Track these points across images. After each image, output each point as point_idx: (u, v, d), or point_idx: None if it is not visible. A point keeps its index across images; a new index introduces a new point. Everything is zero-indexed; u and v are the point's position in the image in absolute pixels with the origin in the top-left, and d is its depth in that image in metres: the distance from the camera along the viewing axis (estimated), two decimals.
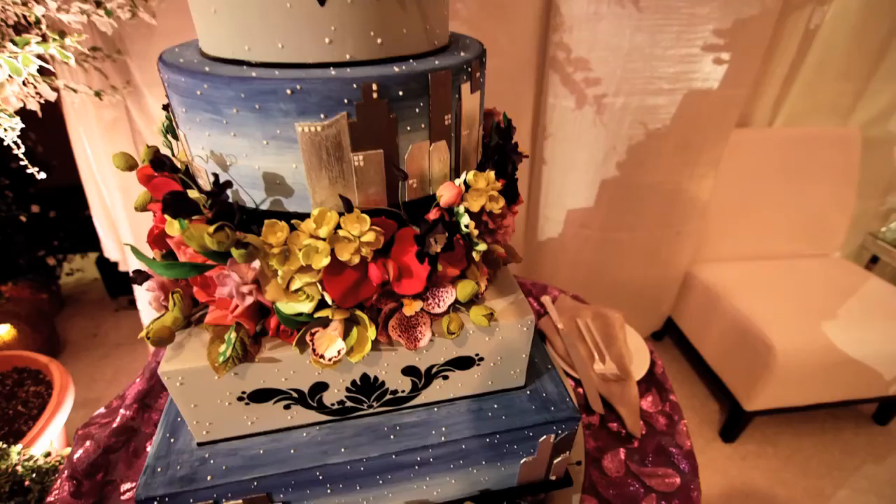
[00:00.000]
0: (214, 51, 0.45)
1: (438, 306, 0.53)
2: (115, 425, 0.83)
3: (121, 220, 1.54)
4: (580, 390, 0.92)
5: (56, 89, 1.10)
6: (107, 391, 1.78)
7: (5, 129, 0.97)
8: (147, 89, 1.36)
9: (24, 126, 0.98)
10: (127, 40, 1.30)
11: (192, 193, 0.45)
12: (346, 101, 0.41)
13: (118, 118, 1.43)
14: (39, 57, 0.97)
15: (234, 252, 0.41)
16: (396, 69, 0.42)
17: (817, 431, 1.71)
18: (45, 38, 0.99)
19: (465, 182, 0.48)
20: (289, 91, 0.40)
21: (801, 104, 1.80)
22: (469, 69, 0.48)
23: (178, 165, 0.58)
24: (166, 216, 0.45)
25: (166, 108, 0.61)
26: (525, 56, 1.50)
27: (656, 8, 1.30)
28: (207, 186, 0.50)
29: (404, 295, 0.52)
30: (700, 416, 1.79)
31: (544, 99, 1.56)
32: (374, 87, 0.41)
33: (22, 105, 1.09)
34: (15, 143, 0.95)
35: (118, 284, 2.21)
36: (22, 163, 0.96)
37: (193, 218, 0.45)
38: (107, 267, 2.15)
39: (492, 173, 0.51)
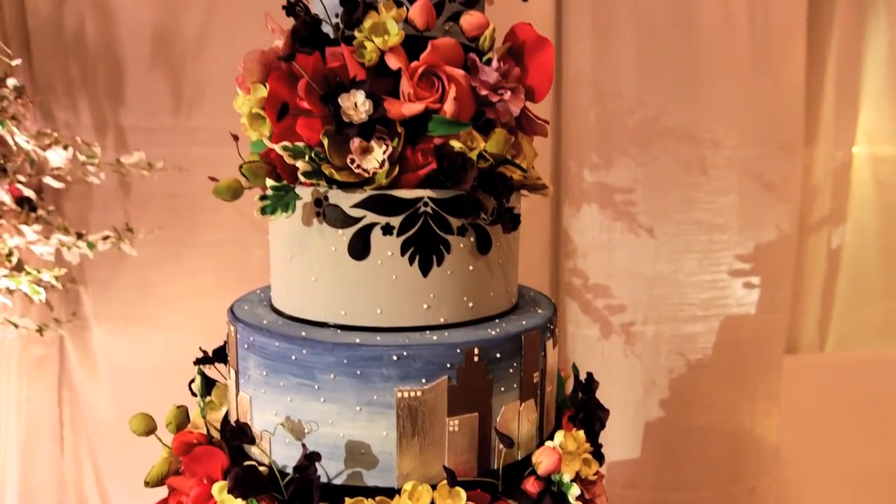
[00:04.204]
0: (303, 313, 0.59)
1: None
2: None
3: (9, 488, 1.47)
4: None
5: None
6: None
7: None
8: (96, 322, 1.48)
9: None
10: (87, 268, 1.47)
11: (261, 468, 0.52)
12: (447, 365, 0.53)
13: (47, 356, 1.51)
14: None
15: None
16: (492, 332, 0.56)
17: None
18: (18, 270, 1.14)
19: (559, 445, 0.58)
20: (395, 357, 0.52)
21: (849, 325, 2.09)
22: (551, 326, 0.63)
23: (209, 428, 0.66)
24: (230, 496, 0.51)
25: (199, 362, 0.71)
26: (536, 285, 1.76)
27: (674, 234, 1.63)
28: (265, 457, 0.57)
29: None
30: None
31: (563, 328, 1.77)
32: (476, 350, 0.54)
33: None
34: None
35: None
36: None
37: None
38: None
39: (581, 433, 0.61)
